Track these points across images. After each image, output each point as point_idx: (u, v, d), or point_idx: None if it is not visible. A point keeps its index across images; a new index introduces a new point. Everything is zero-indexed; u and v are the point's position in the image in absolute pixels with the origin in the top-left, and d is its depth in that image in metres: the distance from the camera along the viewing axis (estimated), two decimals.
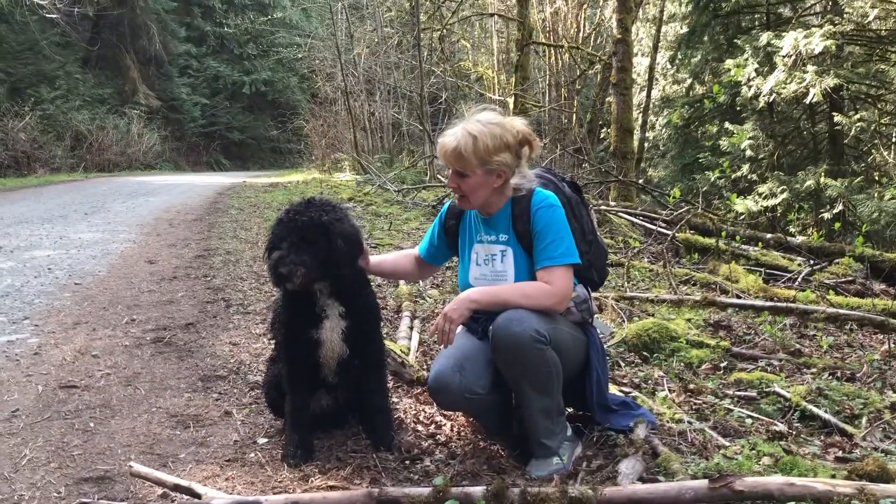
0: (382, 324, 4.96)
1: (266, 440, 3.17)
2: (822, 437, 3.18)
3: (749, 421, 3.32)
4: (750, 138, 13.10)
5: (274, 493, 2.64)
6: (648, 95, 20.10)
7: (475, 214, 3.07)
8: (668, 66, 19.34)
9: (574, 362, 2.95)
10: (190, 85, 32.95)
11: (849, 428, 3.23)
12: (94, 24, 28.20)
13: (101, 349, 4.40)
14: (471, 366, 2.87)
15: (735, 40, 13.45)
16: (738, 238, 7.85)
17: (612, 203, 10.91)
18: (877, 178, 12.58)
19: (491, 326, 2.78)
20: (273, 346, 3.34)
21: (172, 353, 4.39)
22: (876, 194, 10.25)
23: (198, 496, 2.51)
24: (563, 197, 3.01)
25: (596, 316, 3.16)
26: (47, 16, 21.84)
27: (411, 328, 4.73)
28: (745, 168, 13.48)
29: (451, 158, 2.85)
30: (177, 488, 2.56)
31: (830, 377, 3.93)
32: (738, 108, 14.16)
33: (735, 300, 5.54)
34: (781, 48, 10.99)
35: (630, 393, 3.61)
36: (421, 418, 3.41)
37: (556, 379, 2.80)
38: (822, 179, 11.43)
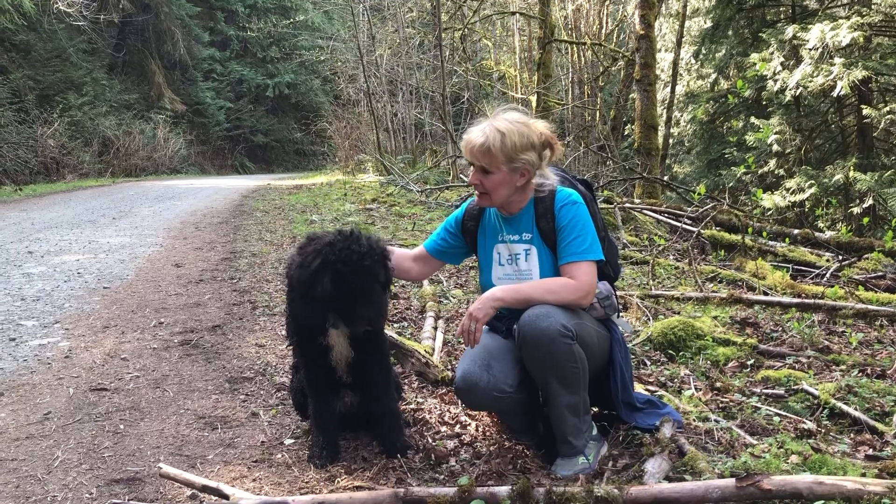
0: (406, 325, 5.00)
1: (293, 441, 3.19)
2: (852, 435, 3.14)
3: (777, 419, 3.29)
4: (776, 133, 12.97)
5: (301, 494, 2.66)
6: (672, 91, 19.98)
7: (496, 214, 3.07)
8: (692, 61, 19.25)
9: (598, 358, 2.95)
10: (214, 89, 33.27)
11: (879, 425, 3.18)
12: (120, 30, 28.59)
13: (130, 352, 4.46)
14: (498, 364, 2.87)
15: (760, 34, 13.33)
16: (764, 234, 7.77)
17: (637, 200, 10.85)
18: None
19: (517, 323, 2.78)
20: (292, 352, 3.37)
21: (200, 355, 4.44)
22: None
23: (226, 497, 2.54)
24: (578, 192, 3.02)
25: (619, 313, 3.14)
26: (74, 23, 22.17)
27: (435, 328, 4.74)
28: (772, 163, 13.35)
29: (478, 154, 2.84)
30: (205, 489, 2.59)
31: (860, 374, 3.88)
32: (764, 103, 14.03)
33: (762, 297, 5.48)
34: (808, 41, 10.86)
35: (656, 392, 3.59)
36: (446, 418, 3.42)
37: (582, 375, 2.80)
38: (850, 173, 11.28)
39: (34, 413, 3.50)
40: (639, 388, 3.48)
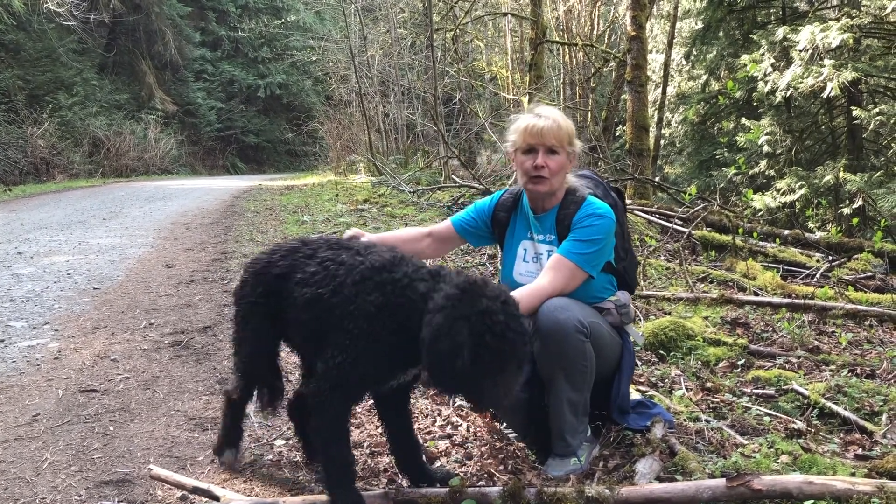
0: None
1: (283, 442, 3.19)
2: (842, 435, 3.16)
3: (767, 419, 3.30)
4: (767, 134, 13.02)
5: (291, 495, 2.65)
6: (664, 92, 20.02)
7: (527, 211, 3.08)
8: (684, 62, 19.30)
9: (607, 363, 2.95)
10: (205, 89, 33.16)
11: (869, 425, 3.20)
12: (111, 30, 28.47)
13: (120, 353, 4.44)
14: None
15: (751, 35, 13.39)
16: (755, 235, 7.80)
17: (629, 201, 10.87)
18: None
19: (535, 314, 2.77)
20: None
21: (190, 356, 4.42)
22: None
23: (216, 498, 2.53)
24: (611, 200, 3.05)
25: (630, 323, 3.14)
26: (64, 23, 22.06)
27: None
28: (763, 164, 13.41)
29: (548, 134, 2.88)
30: (195, 490, 2.59)
31: (850, 374, 3.90)
32: (755, 104, 14.08)
33: (752, 297, 5.50)
34: (798, 42, 10.91)
35: (647, 392, 3.60)
36: (437, 419, 3.41)
37: (589, 375, 2.81)
38: (841, 174, 11.34)
39: (23, 415, 3.48)
40: (630, 388, 3.49)
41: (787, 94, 11.77)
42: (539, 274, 2.91)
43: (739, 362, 4.15)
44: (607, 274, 3.02)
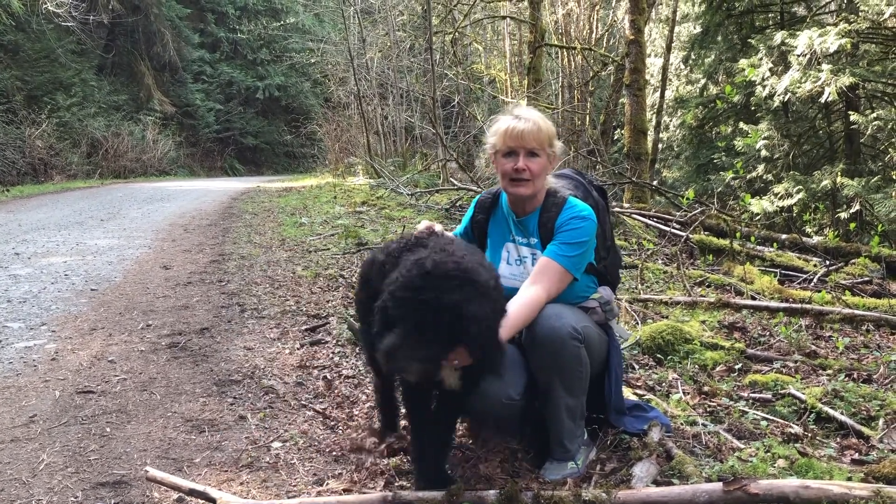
0: None
1: (280, 444, 3.18)
2: (838, 439, 3.16)
3: (764, 423, 3.30)
4: (765, 138, 13.05)
5: (289, 498, 2.65)
6: (662, 96, 20.07)
7: (507, 214, 3.08)
8: (682, 66, 19.35)
9: (597, 362, 2.95)
10: (204, 91, 33.13)
11: (865, 430, 3.20)
12: (109, 31, 28.46)
13: (118, 354, 4.44)
14: (508, 371, 2.80)
15: (749, 40, 13.41)
16: (752, 239, 7.81)
17: (626, 205, 10.88)
18: (894, 177, 12.47)
19: (531, 323, 2.77)
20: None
21: (187, 358, 4.42)
22: (893, 193, 10.17)
23: (213, 500, 2.53)
24: (592, 201, 3.04)
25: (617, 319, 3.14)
26: (63, 24, 22.04)
27: None
28: (761, 168, 13.43)
29: (529, 136, 2.87)
30: (192, 493, 2.58)
31: (846, 378, 3.90)
32: (753, 108, 14.10)
33: (750, 301, 5.51)
34: (796, 47, 10.94)
35: (644, 395, 3.60)
36: None
37: (585, 380, 2.82)
38: (838, 179, 11.36)
39: (19, 416, 3.47)
40: (627, 391, 3.49)
41: (785, 99, 11.79)
42: (524, 277, 2.91)
43: (736, 366, 4.15)
44: (588, 274, 3.02)
